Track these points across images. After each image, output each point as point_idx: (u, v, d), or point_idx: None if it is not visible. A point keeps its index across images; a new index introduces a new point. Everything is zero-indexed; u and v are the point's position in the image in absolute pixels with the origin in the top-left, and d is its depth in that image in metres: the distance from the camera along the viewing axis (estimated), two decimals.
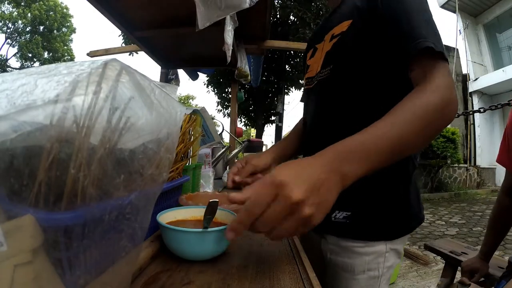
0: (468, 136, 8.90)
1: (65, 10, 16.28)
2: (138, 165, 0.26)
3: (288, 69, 7.51)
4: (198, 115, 0.98)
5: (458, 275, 1.46)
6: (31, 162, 0.21)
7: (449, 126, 7.18)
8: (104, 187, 0.24)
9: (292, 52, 6.78)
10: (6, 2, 14.38)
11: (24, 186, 0.21)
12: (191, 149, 0.85)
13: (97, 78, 0.23)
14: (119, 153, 0.24)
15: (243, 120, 9.62)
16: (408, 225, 0.63)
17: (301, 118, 0.86)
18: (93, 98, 0.23)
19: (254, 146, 2.04)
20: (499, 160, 1.00)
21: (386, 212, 0.61)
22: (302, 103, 0.83)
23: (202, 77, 8.48)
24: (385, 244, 0.61)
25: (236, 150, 1.97)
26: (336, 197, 0.38)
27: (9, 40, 15.43)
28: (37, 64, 15.96)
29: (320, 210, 0.35)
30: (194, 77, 2.91)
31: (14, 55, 15.93)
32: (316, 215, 0.35)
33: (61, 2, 16.20)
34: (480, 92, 8.97)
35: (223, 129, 1.99)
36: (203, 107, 1.09)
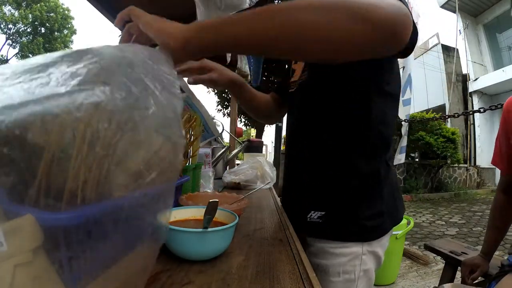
0: (468, 136, 8.90)
1: (66, 12, 16.31)
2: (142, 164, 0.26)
3: None
4: (198, 116, 0.98)
5: (458, 275, 1.46)
6: (31, 160, 0.21)
7: (449, 126, 7.19)
8: (106, 186, 0.24)
9: None
10: (7, 4, 14.40)
11: (24, 185, 0.21)
12: (191, 149, 0.85)
13: (104, 73, 0.23)
14: (121, 151, 0.24)
15: (243, 120, 9.62)
16: (382, 226, 0.63)
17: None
18: (99, 96, 0.23)
19: (254, 146, 2.04)
20: (493, 162, 1.04)
21: (360, 213, 0.61)
22: None
23: None
24: (361, 245, 0.60)
25: (236, 150, 1.97)
26: (171, 32, 0.37)
27: (9, 41, 15.46)
28: None
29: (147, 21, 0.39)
30: None
31: (15, 55, 15.94)
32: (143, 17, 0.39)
33: (62, 4, 16.23)
34: (480, 92, 8.97)
35: (223, 129, 1.99)
36: (198, 99, 1.08)
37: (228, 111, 8.36)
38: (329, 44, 0.35)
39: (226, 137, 3.04)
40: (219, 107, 9.21)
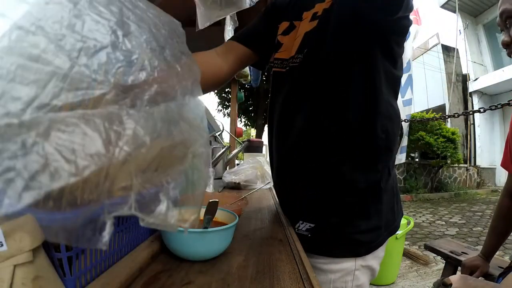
0: (468, 136, 8.90)
1: None
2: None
3: None
4: None
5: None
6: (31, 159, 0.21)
7: (449, 126, 7.19)
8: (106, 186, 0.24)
9: None
10: None
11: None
12: None
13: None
14: (122, 151, 0.24)
15: (243, 120, 9.62)
16: (379, 240, 0.58)
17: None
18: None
19: (254, 146, 2.04)
20: (503, 165, 1.00)
21: (354, 225, 0.55)
22: None
23: None
24: (354, 261, 0.55)
25: (236, 150, 1.96)
26: None
27: None
28: None
29: None
30: None
31: None
32: None
33: None
34: (480, 92, 8.96)
35: (223, 129, 1.99)
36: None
37: (228, 111, 8.35)
38: None
39: (226, 137, 3.04)
40: (219, 107, 9.21)
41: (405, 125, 4.70)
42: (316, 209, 0.58)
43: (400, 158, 4.33)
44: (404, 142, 4.53)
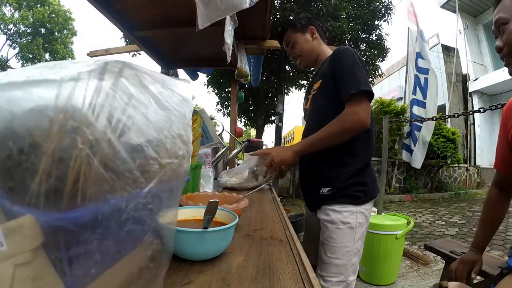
0: (468, 136, 8.90)
1: (67, 14, 16.28)
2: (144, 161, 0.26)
3: (288, 69, 7.50)
4: (198, 115, 0.98)
5: None
6: (32, 154, 0.21)
7: (449, 126, 7.20)
8: (106, 186, 0.24)
9: None
10: (7, 4, 14.36)
11: (25, 181, 0.21)
12: None
13: (98, 75, 0.23)
14: (125, 144, 0.24)
15: (243, 120, 9.62)
16: (364, 198, 1.02)
17: None
18: (95, 92, 0.23)
19: (254, 146, 2.04)
20: (495, 166, 1.04)
21: (351, 187, 1.01)
22: (301, 104, 1.22)
23: (202, 77, 8.49)
24: (355, 207, 1.00)
25: (236, 150, 1.97)
26: (290, 157, 1.05)
27: (9, 42, 15.41)
28: None
29: (279, 157, 1.06)
30: (194, 77, 2.92)
31: (15, 55, 15.91)
32: (276, 158, 1.06)
33: (63, 5, 16.18)
34: (480, 92, 8.96)
35: (223, 129, 1.99)
36: (202, 108, 1.11)
37: (228, 111, 8.35)
38: (341, 136, 0.98)
39: (226, 137, 3.04)
40: (219, 107, 9.20)
41: (426, 128, 5.01)
42: (328, 180, 1.04)
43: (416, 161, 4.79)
44: (425, 148, 4.85)
